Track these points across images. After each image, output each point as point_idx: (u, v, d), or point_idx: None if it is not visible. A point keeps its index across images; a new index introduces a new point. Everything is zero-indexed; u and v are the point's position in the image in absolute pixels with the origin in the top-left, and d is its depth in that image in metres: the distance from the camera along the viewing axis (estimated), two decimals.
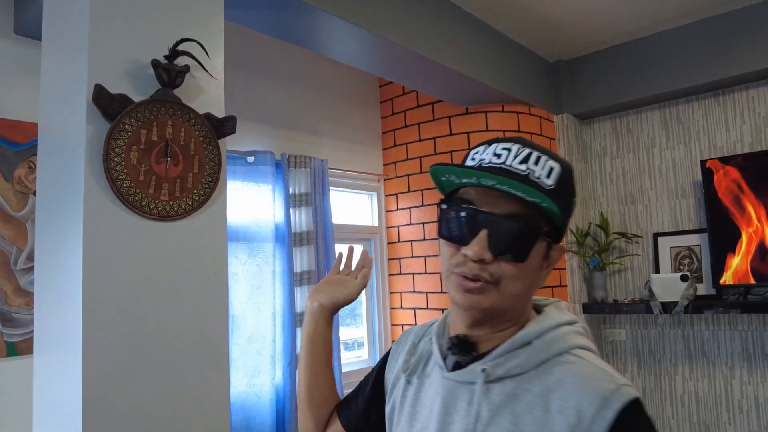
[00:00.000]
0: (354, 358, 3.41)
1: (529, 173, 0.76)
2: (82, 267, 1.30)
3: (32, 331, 2.02)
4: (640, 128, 3.44)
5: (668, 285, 3.03)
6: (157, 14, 1.50)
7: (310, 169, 2.94)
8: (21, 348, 2.01)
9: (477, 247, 0.74)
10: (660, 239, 3.29)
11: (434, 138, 3.37)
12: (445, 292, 3.21)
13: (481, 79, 2.93)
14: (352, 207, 3.52)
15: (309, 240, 2.89)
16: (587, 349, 0.79)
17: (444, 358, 0.84)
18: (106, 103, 1.34)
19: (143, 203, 1.39)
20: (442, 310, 3.20)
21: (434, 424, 0.81)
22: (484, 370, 0.77)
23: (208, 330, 1.53)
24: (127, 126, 1.37)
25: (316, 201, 2.95)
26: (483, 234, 0.75)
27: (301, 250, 2.87)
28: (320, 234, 2.95)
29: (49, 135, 1.56)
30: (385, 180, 3.58)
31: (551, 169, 0.76)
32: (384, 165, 3.61)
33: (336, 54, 2.62)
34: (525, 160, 0.76)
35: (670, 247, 3.25)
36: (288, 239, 2.82)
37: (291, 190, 2.89)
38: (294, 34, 2.34)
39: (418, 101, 3.47)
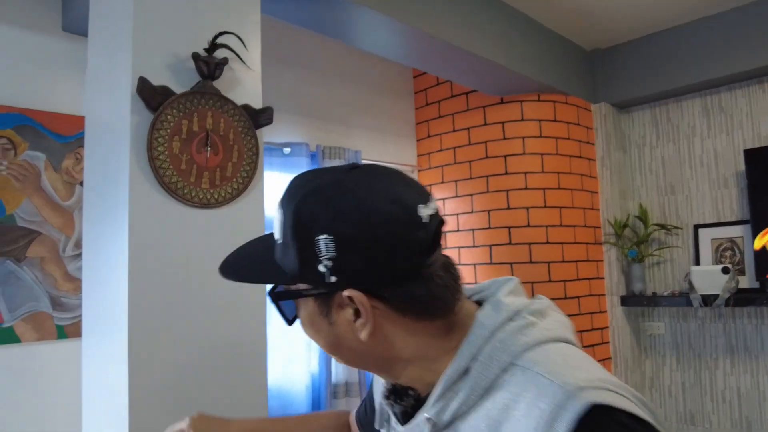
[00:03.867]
0: None
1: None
2: (127, 253, 1.35)
3: (80, 316, 2.12)
4: (681, 117, 3.35)
5: (709, 277, 2.96)
6: (197, 9, 1.55)
7: (344, 160, 2.97)
8: (69, 331, 2.10)
9: None
10: (701, 231, 3.22)
11: (468, 128, 3.36)
12: (478, 282, 3.21)
13: (515, 69, 2.91)
14: None
15: None
16: (538, 343, 0.64)
17: (393, 411, 0.75)
18: (149, 94, 1.39)
19: (185, 191, 1.44)
20: None
21: None
22: (429, 419, 0.66)
23: (247, 315, 1.57)
24: (169, 117, 1.42)
25: None
26: None
27: None
28: None
29: (95, 126, 1.62)
30: (419, 171, 3.59)
31: (276, 222, 0.68)
32: (418, 156, 3.62)
33: (370, 46, 2.63)
34: None
35: (711, 239, 3.17)
36: None
37: None
38: (328, 26, 2.37)
39: (452, 91, 3.46)
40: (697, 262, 3.20)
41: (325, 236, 0.62)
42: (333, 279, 0.63)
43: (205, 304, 1.48)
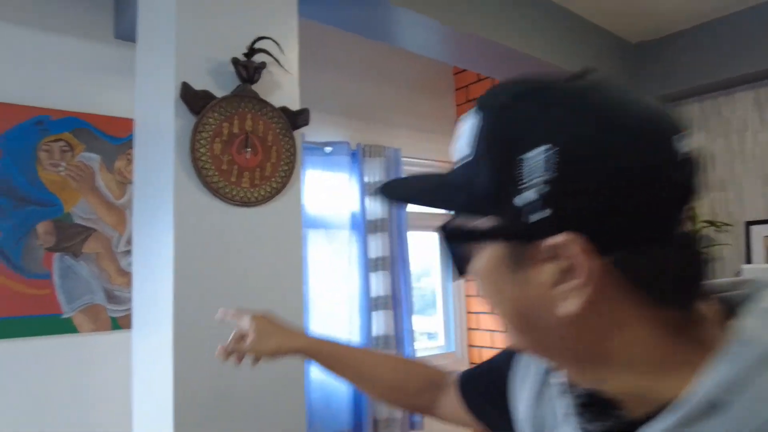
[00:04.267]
0: (431, 346, 3.48)
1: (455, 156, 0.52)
2: (172, 249, 1.43)
3: (131, 308, 2.23)
4: (731, 110, 3.24)
5: (761, 276, 2.86)
6: (236, 15, 1.61)
7: (384, 158, 3.01)
8: (122, 323, 2.22)
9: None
10: (753, 228, 3.11)
11: None
12: None
13: (557, 64, 2.88)
14: None
15: (383, 227, 2.96)
16: None
17: (581, 428, 0.54)
18: (192, 99, 1.46)
19: (227, 190, 1.51)
20: None
21: None
22: None
23: (287, 308, 1.63)
24: (210, 120, 1.49)
25: None
26: None
27: (376, 237, 2.96)
28: (394, 221, 3.03)
29: (143, 129, 1.71)
30: None
31: (467, 131, 0.49)
32: None
33: (410, 45, 2.66)
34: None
35: (764, 237, 3.06)
36: (363, 226, 2.92)
37: (366, 179, 2.98)
38: (368, 27, 2.41)
39: None
40: (749, 260, 3.09)
41: (544, 148, 0.43)
42: (543, 214, 0.43)
43: (246, 298, 1.55)
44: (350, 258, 2.88)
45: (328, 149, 2.86)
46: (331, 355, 0.92)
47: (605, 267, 0.44)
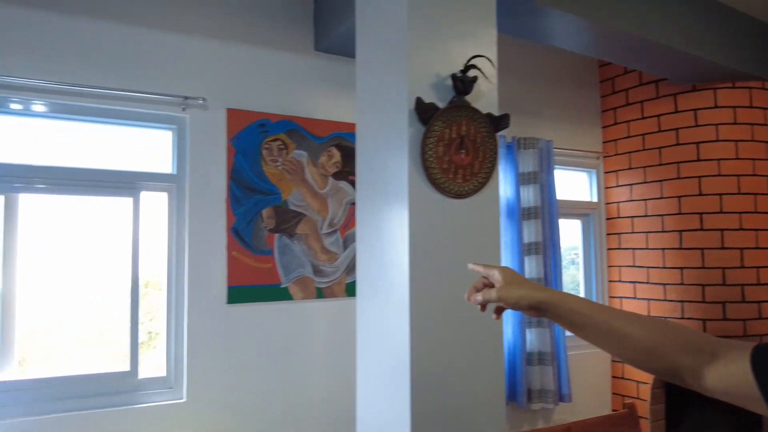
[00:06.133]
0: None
1: None
2: (408, 232, 1.78)
3: (332, 280, 2.66)
4: None
5: None
6: (450, 36, 1.92)
7: (537, 150, 3.25)
8: (325, 292, 2.65)
9: None
10: None
11: (658, 116, 3.45)
12: (667, 267, 3.32)
13: (710, 58, 2.96)
14: (571, 184, 3.75)
15: (536, 214, 3.21)
16: None
17: None
18: (422, 110, 1.80)
19: (446, 185, 1.84)
20: (664, 285, 3.32)
21: None
22: None
23: None
24: (435, 127, 1.81)
25: (542, 179, 3.26)
26: None
27: (529, 224, 3.21)
28: (546, 209, 3.26)
29: (366, 133, 2.08)
30: (604, 157, 3.74)
31: None
32: (603, 143, 3.77)
33: (561, 43, 2.86)
34: None
35: None
36: (517, 213, 3.18)
37: (520, 169, 3.23)
38: (526, 30, 2.65)
39: (640, 79, 3.56)
40: None
41: None
42: None
43: (458, 270, 1.87)
44: (506, 242, 3.15)
45: None
46: (574, 309, 0.88)
47: None
